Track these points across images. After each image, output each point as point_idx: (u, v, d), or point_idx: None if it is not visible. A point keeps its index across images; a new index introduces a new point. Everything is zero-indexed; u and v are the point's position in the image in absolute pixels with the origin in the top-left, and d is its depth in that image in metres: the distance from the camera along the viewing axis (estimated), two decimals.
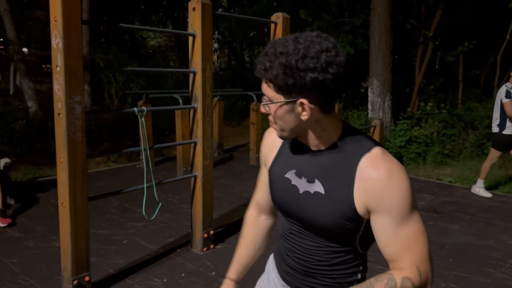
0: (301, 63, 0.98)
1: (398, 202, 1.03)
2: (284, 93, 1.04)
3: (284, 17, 4.32)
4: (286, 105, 1.06)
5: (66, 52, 2.66)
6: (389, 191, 1.03)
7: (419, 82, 9.82)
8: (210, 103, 3.66)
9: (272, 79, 1.03)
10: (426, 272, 1.04)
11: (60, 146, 2.79)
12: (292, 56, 0.99)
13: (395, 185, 1.03)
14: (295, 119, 1.08)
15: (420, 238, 1.05)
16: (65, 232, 2.87)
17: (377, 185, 1.04)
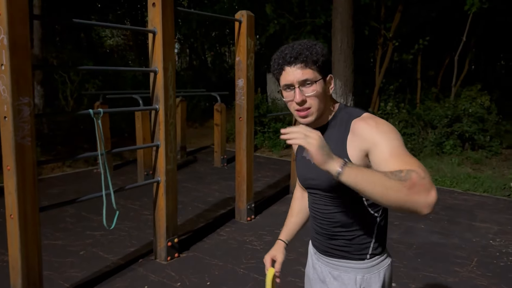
0: (323, 50, 1.31)
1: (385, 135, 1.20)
2: (322, 72, 1.30)
3: (248, 15, 4.20)
4: (323, 82, 1.31)
5: (12, 49, 2.41)
6: (379, 131, 1.22)
7: (379, 83, 9.99)
8: (173, 104, 3.47)
9: (316, 61, 1.28)
10: (429, 177, 1.07)
11: (6, 153, 2.53)
12: (318, 46, 1.30)
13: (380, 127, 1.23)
14: (325, 96, 1.32)
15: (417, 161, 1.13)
16: (14, 247, 2.61)
17: (368, 131, 1.24)
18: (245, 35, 4.20)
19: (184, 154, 7.95)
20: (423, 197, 1.03)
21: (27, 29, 2.49)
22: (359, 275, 1.37)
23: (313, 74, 1.28)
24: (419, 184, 1.03)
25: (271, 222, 4.56)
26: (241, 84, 4.34)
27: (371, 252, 1.37)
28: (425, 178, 1.05)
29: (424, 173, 1.06)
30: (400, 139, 1.21)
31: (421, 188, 1.03)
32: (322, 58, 1.29)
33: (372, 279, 1.37)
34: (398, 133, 1.23)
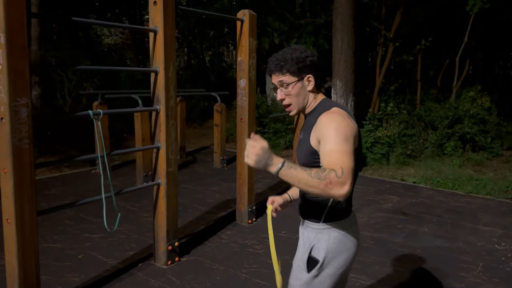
0: (302, 54, 1.66)
1: (333, 132, 1.49)
2: (297, 76, 1.66)
3: (250, 14, 4.12)
4: (300, 82, 1.67)
5: (9, 49, 2.33)
6: (328, 126, 1.52)
7: (380, 83, 9.92)
8: (174, 104, 3.40)
9: (289, 69, 1.65)
10: (347, 173, 1.37)
11: (3, 155, 2.45)
12: (295, 53, 1.66)
13: (334, 123, 1.52)
14: (304, 92, 1.69)
15: (345, 155, 1.43)
16: (11, 252, 2.53)
17: (322, 124, 1.55)
18: (247, 34, 4.13)
19: (184, 154, 7.87)
20: (336, 192, 1.36)
21: (25, 28, 2.41)
22: (313, 233, 1.72)
23: (288, 78, 1.67)
24: (334, 182, 1.35)
25: (273, 225, 4.48)
26: (242, 85, 4.27)
27: (324, 217, 1.69)
28: (340, 177, 1.36)
29: (343, 171, 1.37)
30: (345, 137, 1.48)
31: (335, 185, 1.35)
32: (296, 65, 1.65)
33: (321, 239, 1.69)
34: (345, 133, 1.49)
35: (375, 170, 7.21)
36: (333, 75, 8.62)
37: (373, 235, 4.28)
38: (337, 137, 1.47)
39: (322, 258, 1.67)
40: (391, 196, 5.72)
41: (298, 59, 1.64)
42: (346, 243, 1.70)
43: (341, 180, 1.35)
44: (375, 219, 4.79)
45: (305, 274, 1.70)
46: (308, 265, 1.70)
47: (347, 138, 1.48)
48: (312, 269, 1.69)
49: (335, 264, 1.69)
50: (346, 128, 1.50)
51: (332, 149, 1.46)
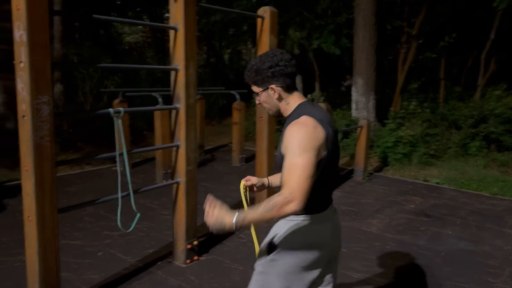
0: (263, 65, 1.75)
1: (293, 145, 1.59)
2: (261, 86, 1.79)
3: (271, 11, 4.07)
4: (265, 92, 1.79)
5: (31, 46, 2.33)
6: (290, 138, 1.61)
7: (402, 81, 9.74)
8: (194, 103, 3.37)
9: (252, 80, 1.81)
10: (294, 191, 1.52)
11: (25, 153, 2.46)
12: (258, 64, 1.77)
13: (295, 137, 1.60)
14: (272, 100, 1.80)
15: (299, 169, 1.54)
16: (32, 250, 2.54)
17: (286, 137, 1.64)
18: (267, 32, 4.07)
19: (202, 152, 7.87)
20: (289, 210, 1.52)
21: (47, 25, 2.40)
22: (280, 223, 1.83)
23: (255, 88, 1.82)
24: (283, 203, 1.52)
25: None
26: None
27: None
28: (288, 197, 1.51)
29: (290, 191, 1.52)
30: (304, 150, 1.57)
31: (284, 205, 1.52)
32: (257, 77, 1.77)
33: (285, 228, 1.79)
34: (307, 143, 1.58)
35: (396, 170, 7.07)
36: (354, 73, 8.49)
37: (395, 237, 4.18)
38: (297, 150, 1.57)
39: (280, 244, 1.79)
40: (414, 197, 5.59)
41: (258, 72, 1.76)
42: (310, 238, 1.78)
43: (289, 199, 1.52)
44: (397, 220, 4.68)
45: (264, 257, 1.85)
46: (268, 249, 1.83)
47: (306, 150, 1.57)
48: (270, 253, 1.82)
49: (295, 255, 1.77)
50: (307, 141, 1.58)
51: (288, 164, 1.58)
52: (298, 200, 1.51)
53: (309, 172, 1.54)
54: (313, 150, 1.57)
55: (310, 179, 1.54)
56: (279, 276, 1.78)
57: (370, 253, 3.81)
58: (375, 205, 5.16)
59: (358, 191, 5.80)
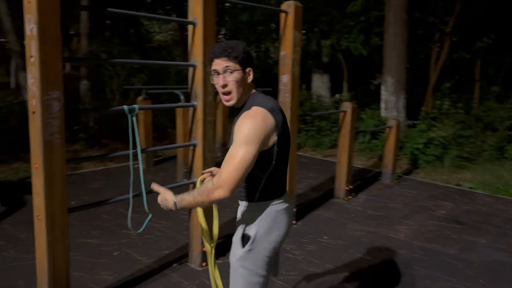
0: (246, 47, 1.80)
1: (238, 136, 1.64)
2: (242, 65, 1.76)
3: (296, 5, 3.89)
4: (242, 72, 1.76)
5: (42, 40, 2.25)
6: (239, 129, 1.66)
7: (434, 80, 9.36)
8: (212, 100, 3.24)
9: (236, 56, 1.74)
10: (224, 178, 1.61)
11: (34, 150, 2.39)
12: (241, 44, 1.79)
13: (244, 126, 1.65)
14: (243, 83, 1.78)
15: (236, 159, 1.61)
16: (41, 250, 2.47)
17: (236, 126, 1.70)
18: (291, 27, 3.90)
19: (225, 151, 7.74)
20: (217, 196, 1.62)
21: (59, 18, 2.32)
22: (247, 213, 1.88)
23: (234, 65, 1.75)
24: (211, 190, 1.63)
25: (314, 229, 4.25)
26: (285, 80, 4.05)
27: (257, 198, 1.84)
28: (216, 184, 1.62)
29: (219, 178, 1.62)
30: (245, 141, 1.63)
31: (212, 192, 1.62)
32: (242, 55, 1.76)
33: (254, 217, 1.84)
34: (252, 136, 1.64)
35: (427, 173, 6.75)
36: (383, 71, 8.20)
37: (424, 246, 3.94)
38: (239, 141, 1.64)
39: (254, 233, 1.82)
40: (445, 202, 5.29)
41: (244, 50, 1.77)
42: (276, 220, 1.85)
43: (216, 186, 1.62)
44: (427, 227, 4.42)
45: (240, 249, 1.85)
46: (243, 241, 1.85)
47: (249, 142, 1.63)
48: (245, 245, 1.83)
49: (267, 239, 1.83)
50: (253, 133, 1.64)
51: (229, 153, 1.66)
52: (225, 188, 1.61)
53: (246, 164, 1.62)
54: (256, 143, 1.64)
55: (244, 171, 1.63)
56: (260, 263, 1.85)
57: (396, 261, 3.59)
58: (403, 210, 4.91)
59: (385, 194, 5.55)
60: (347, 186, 5.20)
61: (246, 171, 1.63)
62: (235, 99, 1.79)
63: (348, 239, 4.04)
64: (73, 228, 4.07)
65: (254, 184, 1.82)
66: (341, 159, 5.19)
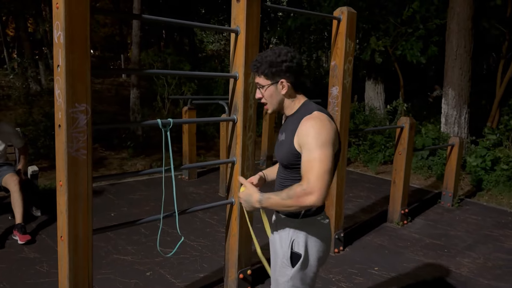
0: (278, 58, 1.74)
1: (310, 140, 1.63)
2: (271, 79, 1.78)
3: (349, 12, 3.56)
4: (273, 86, 1.79)
5: (69, 48, 2.08)
6: (308, 134, 1.64)
7: (501, 94, 8.59)
8: (252, 114, 2.98)
9: (263, 72, 1.77)
10: (314, 183, 1.55)
11: (60, 166, 2.22)
12: (271, 57, 1.75)
13: (312, 130, 1.64)
14: (277, 95, 1.80)
15: (319, 163, 1.57)
16: (63, 273, 2.30)
17: (303, 131, 1.67)
18: (344, 35, 3.57)
19: (271, 164, 7.47)
20: (308, 202, 1.56)
21: (87, 26, 2.15)
22: (292, 228, 1.80)
23: (263, 80, 1.78)
24: (302, 194, 1.56)
25: (363, 257, 3.85)
26: (335, 93, 3.71)
27: (303, 213, 1.77)
28: (306, 189, 1.55)
29: (309, 182, 1.56)
30: (322, 143, 1.60)
31: (303, 196, 1.56)
32: (269, 69, 1.74)
33: (300, 233, 1.78)
34: (325, 137, 1.61)
35: (493, 197, 6.10)
36: (444, 84, 7.59)
37: (491, 284, 3.43)
38: (315, 144, 1.60)
39: (304, 251, 1.77)
40: None
41: (271, 63, 1.73)
42: (322, 234, 1.83)
43: (307, 191, 1.55)
44: (494, 261, 3.89)
45: (290, 270, 1.79)
46: (292, 260, 1.79)
47: (325, 144, 1.60)
48: (296, 264, 1.78)
49: (316, 255, 1.80)
50: (325, 134, 1.62)
51: (308, 158, 1.60)
52: (317, 194, 1.54)
53: (328, 166, 1.58)
54: (330, 144, 1.62)
55: (329, 173, 1.58)
56: (309, 280, 1.82)
57: None
58: (466, 240, 4.38)
59: (445, 220, 5.01)
60: (403, 209, 4.73)
61: (332, 174, 1.61)
62: (271, 109, 1.84)
63: (402, 271, 3.60)
64: (110, 242, 3.95)
65: None
66: (396, 179, 4.74)
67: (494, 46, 9.54)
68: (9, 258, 3.56)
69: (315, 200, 1.54)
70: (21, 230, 3.85)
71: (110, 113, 11.22)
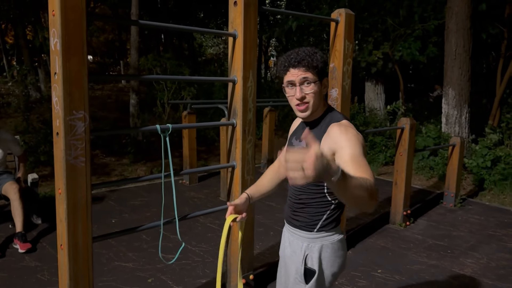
0: (324, 57, 1.65)
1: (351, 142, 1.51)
2: (319, 76, 1.63)
3: (347, 14, 3.54)
4: (320, 83, 1.64)
5: (65, 55, 2.07)
6: (346, 138, 1.53)
7: (501, 93, 8.57)
8: (252, 118, 2.96)
9: (316, 66, 1.61)
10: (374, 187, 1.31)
11: (58, 174, 2.21)
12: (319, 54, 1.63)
13: (349, 135, 1.54)
14: (320, 94, 1.65)
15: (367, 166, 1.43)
16: (64, 283, 2.28)
17: (338, 135, 1.56)
18: (342, 37, 3.56)
19: None
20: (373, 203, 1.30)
21: (84, 32, 2.14)
22: (305, 243, 1.71)
23: (312, 76, 1.60)
24: (375, 191, 1.30)
25: (366, 260, 3.82)
26: (334, 95, 3.70)
27: (319, 227, 1.69)
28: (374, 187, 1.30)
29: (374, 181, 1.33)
30: (361, 148, 1.51)
31: (375, 194, 1.30)
32: (321, 65, 1.61)
33: (314, 248, 1.69)
34: (362, 143, 1.53)
35: (495, 196, 6.07)
36: (444, 83, 7.57)
37: (495, 284, 3.40)
38: (357, 148, 1.50)
39: (317, 267, 1.69)
40: None
41: (323, 59, 1.63)
42: (338, 250, 1.74)
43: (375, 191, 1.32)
44: (497, 261, 3.86)
45: (304, 286, 1.71)
46: (306, 276, 1.70)
47: (364, 151, 1.52)
48: (310, 280, 1.70)
49: (330, 271, 1.72)
50: (362, 143, 1.54)
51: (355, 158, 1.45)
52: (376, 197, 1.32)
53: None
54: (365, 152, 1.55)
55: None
56: None
57: None
58: (469, 240, 4.35)
59: (448, 220, 4.98)
60: (405, 211, 4.70)
61: None
62: (310, 110, 1.64)
63: (406, 273, 3.57)
64: (111, 249, 3.93)
65: (320, 210, 1.70)
66: (398, 180, 4.72)
67: (493, 45, 9.51)
68: (10, 267, 3.54)
69: (375, 203, 1.31)
70: (21, 238, 3.83)
71: (110, 119, 11.22)
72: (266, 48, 22.69)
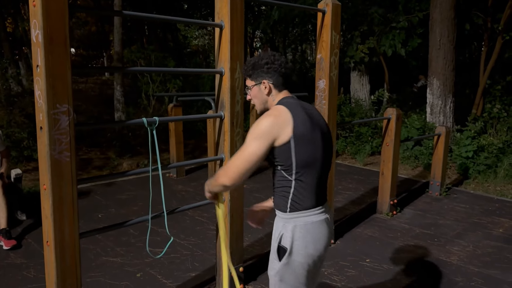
0: (261, 61, 1.87)
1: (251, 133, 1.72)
2: (254, 80, 1.90)
3: (334, 4, 3.53)
4: (257, 86, 1.90)
5: (47, 47, 2.01)
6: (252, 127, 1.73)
7: (484, 82, 8.68)
8: (240, 110, 2.94)
9: (247, 74, 1.93)
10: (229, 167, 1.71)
11: (43, 169, 2.16)
12: (255, 59, 1.89)
13: (255, 126, 1.72)
14: (262, 95, 1.90)
15: (244, 152, 1.69)
16: (51, 279, 2.24)
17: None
18: (329, 27, 3.54)
19: None
20: (220, 181, 1.74)
21: (66, 23, 2.08)
22: (281, 222, 1.82)
23: (249, 82, 1.93)
24: (220, 174, 1.74)
25: (355, 250, 3.85)
26: (322, 86, 3.69)
27: (289, 207, 1.79)
28: (223, 169, 1.74)
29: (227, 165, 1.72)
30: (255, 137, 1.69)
31: (220, 176, 1.74)
32: (252, 71, 1.88)
33: (288, 228, 1.78)
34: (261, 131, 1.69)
35: (479, 184, 6.17)
36: (429, 73, 7.64)
37: (481, 271, 3.46)
38: (249, 137, 1.71)
39: (289, 246, 1.76)
40: (502, 219, 4.74)
41: (254, 65, 1.87)
42: (313, 234, 1.78)
43: (222, 172, 1.73)
44: (483, 248, 3.93)
45: (277, 263, 1.81)
46: (279, 254, 1.80)
47: (258, 137, 1.68)
48: (282, 258, 1.78)
49: (304, 252, 1.77)
50: (263, 129, 1.69)
51: (241, 148, 1.71)
52: (227, 176, 1.70)
53: (253, 158, 1.67)
54: (266, 139, 1.68)
55: (251, 164, 1.67)
56: (300, 277, 1.80)
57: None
58: (455, 228, 4.41)
59: (434, 209, 5.05)
60: (392, 200, 4.75)
61: (253, 165, 1.67)
62: (258, 109, 1.95)
63: (394, 262, 3.61)
64: (98, 244, 3.88)
65: (285, 189, 1.79)
66: (384, 170, 4.75)
67: (475, 35, 9.61)
68: None
69: (223, 180, 1.71)
70: (6, 235, 3.76)
71: (94, 112, 11.05)
72: (252, 39, 22.55)
